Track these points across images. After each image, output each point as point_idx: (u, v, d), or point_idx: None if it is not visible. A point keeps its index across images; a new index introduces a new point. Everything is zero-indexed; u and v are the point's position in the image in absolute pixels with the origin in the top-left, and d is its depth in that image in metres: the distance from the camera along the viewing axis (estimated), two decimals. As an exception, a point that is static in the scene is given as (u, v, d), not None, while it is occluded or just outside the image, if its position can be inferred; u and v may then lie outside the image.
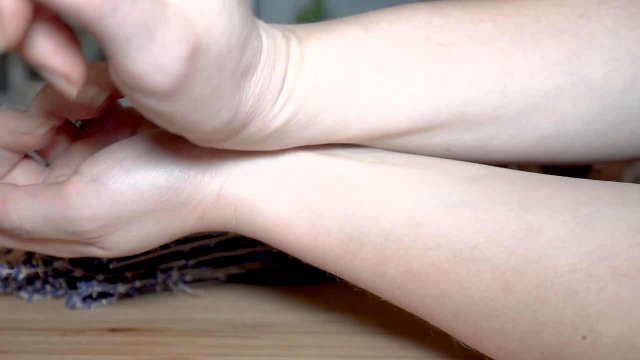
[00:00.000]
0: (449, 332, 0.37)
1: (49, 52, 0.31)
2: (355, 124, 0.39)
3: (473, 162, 0.40)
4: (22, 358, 0.42)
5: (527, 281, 0.34)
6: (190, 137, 0.37)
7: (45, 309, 0.50)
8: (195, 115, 0.34)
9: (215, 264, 0.53)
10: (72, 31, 0.32)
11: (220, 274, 0.53)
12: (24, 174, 0.43)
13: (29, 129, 0.41)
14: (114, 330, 0.46)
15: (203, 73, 0.32)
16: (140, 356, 0.42)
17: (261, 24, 0.37)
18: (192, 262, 0.52)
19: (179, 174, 0.39)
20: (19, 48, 0.31)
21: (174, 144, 0.39)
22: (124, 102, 0.46)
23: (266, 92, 0.36)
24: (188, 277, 0.52)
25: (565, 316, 0.33)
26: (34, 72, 1.34)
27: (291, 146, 0.39)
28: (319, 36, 0.38)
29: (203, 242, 0.52)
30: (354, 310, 0.48)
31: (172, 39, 0.31)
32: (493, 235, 0.35)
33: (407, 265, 0.37)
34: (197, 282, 0.53)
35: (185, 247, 0.51)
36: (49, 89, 0.42)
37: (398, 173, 0.38)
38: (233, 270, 0.53)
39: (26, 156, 0.43)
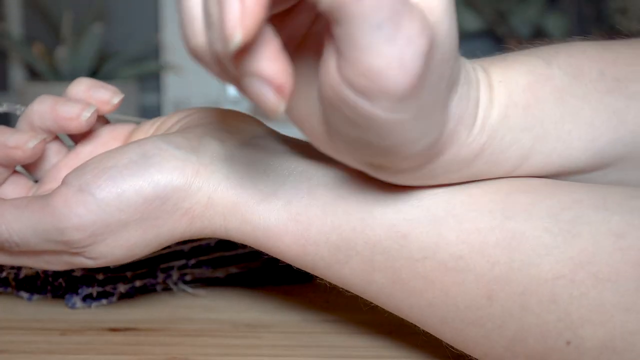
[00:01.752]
0: (437, 337, 0.38)
1: (267, 57, 0.27)
2: (536, 162, 0.37)
3: None
4: (22, 358, 0.42)
5: (511, 289, 0.34)
6: (387, 164, 0.34)
7: (45, 309, 0.50)
8: (409, 133, 0.31)
9: (215, 263, 0.53)
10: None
11: (220, 273, 0.53)
12: (14, 188, 0.43)
13: (18, 143, 0.41)
14: (114, 330, 0.46)
15: (431, 77, 0.30)
16: (140, 356, 0.42)
17: None
18: (192, 261, 0.52)
19: (165, 183, 0.39)
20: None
21: (159, 154, 0.39)
22: (111, 117, 0.47)
23: (464, 116, 0.35)
24: (188, 277, 0.52)
25: (549, 322, 0.33)
26: (34, 72, 1.34)
27: (467, 180, 0.37)
28: (502, 65, 0.37)
29: (203, 242, 0.52)
30: (354, 310, 0.48)
31: (415, 30, 0.28)
32: (477, 245, 0.35)
33: (394, 276, 0.37)
34: (197, 281, 0.53)
35: (186, 247, 0.51)
36: (38, 104, 0.42)
37: (383, 185, 0.38)
38: (233, 270, 0.53)
39: (15, 172, 0.44)
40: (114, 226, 0.39)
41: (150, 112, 1.39)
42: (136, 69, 1.24)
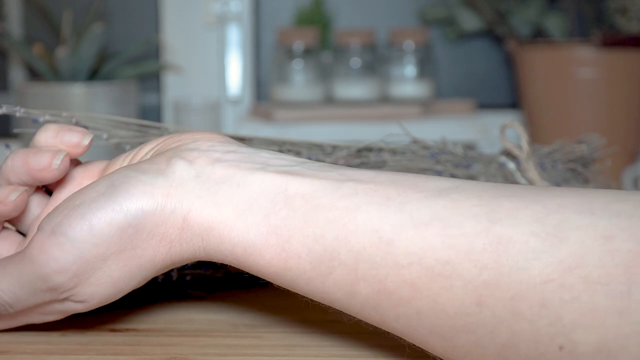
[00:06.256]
0: (425, 348, 0.37)
1: None
2: None
3: None
4: (22, 358, 0.42)
5: (500, 294, 0.34)
6: None
7: (45, 309, 0.50)
8: None
9: (214, 264, 0.53)
10: None
11: (219, 273, 0.53)
12: (3, 245, 0.44)
13: (0, 197, 0.41)
14: (114, 330, 0.46)
15: None
16: (140, 356, 0.42)
17: None
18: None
19: (136, 209, 0.38)
20: None
21: (127, 182, 0.39)
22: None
23: None
24: (187, 277, 0.52)
25: (540, 327, 0.33)
26: (34, 72, 1.34)
27: None
28: None
29: (203, 242, 0.51)
30: (354, 310, 0.48)
31: None
32: (464, 250, 0.35)
33: (379, 285, 0.36)
34: (197, 282, 0.53)
35: (185, 247, 0.51)
36: (11, 161, 0.42)
37: (365, 190, 0.37)
38: (232, 270, 0.53)
39: (4, 228, 0.44)
40: (93, 263, 0.38)
41: (150, 112, 1.39)
42: (136, 69, 1.24)
